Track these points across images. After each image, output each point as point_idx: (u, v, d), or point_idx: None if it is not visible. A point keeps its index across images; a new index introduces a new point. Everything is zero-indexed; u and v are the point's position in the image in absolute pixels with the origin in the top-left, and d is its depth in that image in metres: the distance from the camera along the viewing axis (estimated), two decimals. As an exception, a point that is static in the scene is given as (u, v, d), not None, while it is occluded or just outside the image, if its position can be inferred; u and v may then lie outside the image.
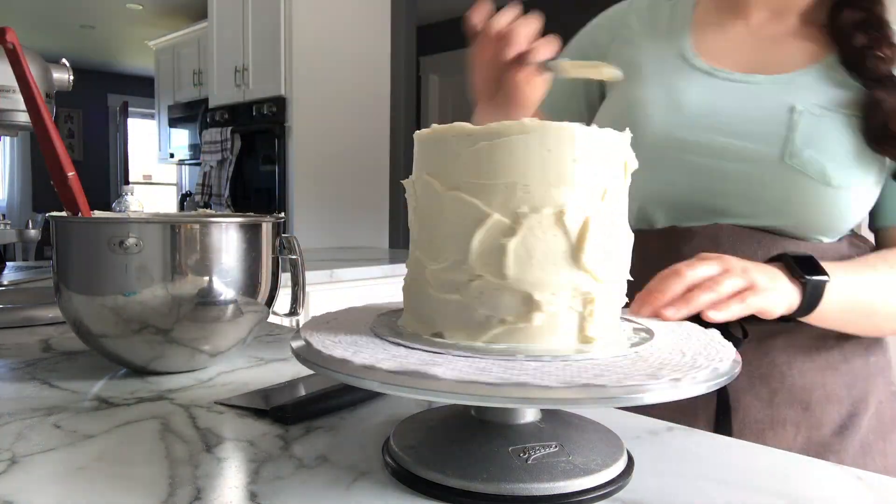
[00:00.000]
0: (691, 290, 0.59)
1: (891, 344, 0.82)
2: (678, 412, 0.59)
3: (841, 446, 0.72)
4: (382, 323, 0.49)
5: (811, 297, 0.65)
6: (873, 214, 0.78)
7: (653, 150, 0.75)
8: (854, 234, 0.78)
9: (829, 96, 0.72)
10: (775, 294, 0.63)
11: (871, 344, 0.77)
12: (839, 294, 0.67)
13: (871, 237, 0.81)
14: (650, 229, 0.78)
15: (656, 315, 0.57)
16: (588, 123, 0.44)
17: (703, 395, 0.73)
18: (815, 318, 0.67)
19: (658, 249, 0.75)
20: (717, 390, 0.70)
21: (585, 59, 0.88)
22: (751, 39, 0.80)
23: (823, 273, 0.65)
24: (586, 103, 0.91)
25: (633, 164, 0.47)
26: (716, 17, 0.83)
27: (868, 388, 0.75)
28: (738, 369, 0.41)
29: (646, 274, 0.59)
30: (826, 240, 0.74)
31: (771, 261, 0.67)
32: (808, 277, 0.64)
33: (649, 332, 0.48)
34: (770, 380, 0.73)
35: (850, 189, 0.70)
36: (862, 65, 0.73)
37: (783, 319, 0.66)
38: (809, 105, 0.72)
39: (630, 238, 0.47)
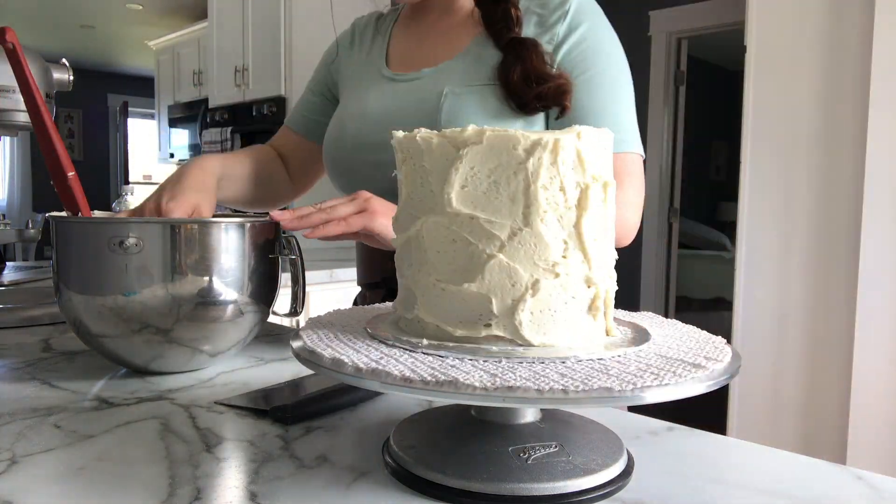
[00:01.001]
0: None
1: (788, 331, 0.81)
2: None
3: None
4: (382, 324, 0.49)
5: None
6: None
7: (352, 155, 0.87)
8: None
9: (474, 73, 0.81)
10: (387, 222, 0.67)
11: None
12: None
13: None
14: None
15: (280, 220, 0.66)
16: None
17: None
18: None
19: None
20: None
21: (325, 83, 1.03)
22: (426, 39, 0.90)
23: None
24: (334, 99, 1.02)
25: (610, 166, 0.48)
26: (406, 26, 0.95)
27: None
28: (737, 370, 0.41)
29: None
30: None
31: None
32: None
33: (647, 332, 0.48)
34: None
35: None
36: (495, 35, 0.82)
37: None
38: (455, 87, 0.80)
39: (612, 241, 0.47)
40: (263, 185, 1.01)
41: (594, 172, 0.44)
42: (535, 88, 0.77)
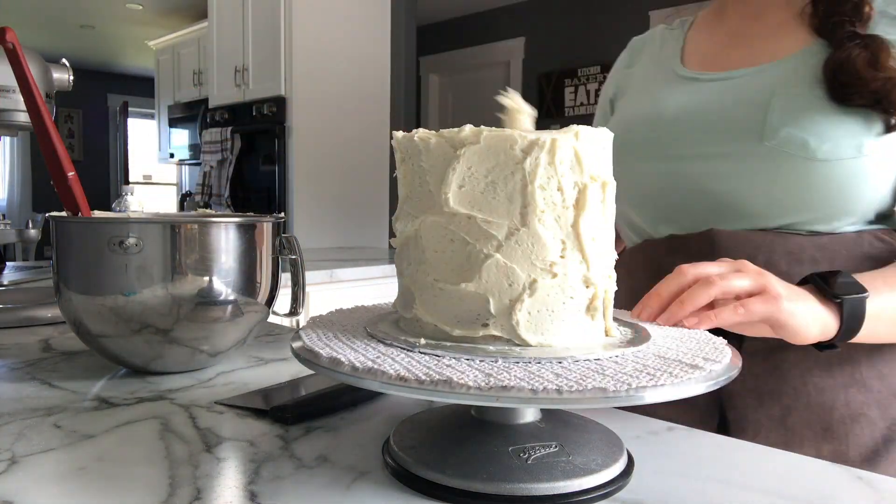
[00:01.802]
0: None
1: None
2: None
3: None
4: (381, 323, 0.49)
5: (851, 318, 0.58)
6: None
7: (637, 160, 0.77)
8: (882, 229, 0.71)
9: (808, 77, 0.70)
10: (796, 308, 0.55)
11: None
12: (884, 306, 0.60)
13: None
14: (654, 239, 0.78)
15: (651, 320, 0.53)
16: None
17: (705, 413, 0.70)
18: (867, 337, 0.61)
19: (659, 258, 0.75)
20: (719, 410, 0.69)
21: (604, 114, 0.93)
22: (737, 39, 0.80)
23: (860, 289, 0.58)
24: None
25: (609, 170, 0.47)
26: (706, 33, 0.85)
27: None
28: (736, 370, 0.41)
29: (649, 283, 0.57)
30: (839, 231, 0.68)
31: (801, 283, 0.61)
32: (844, 296, 0.57)
33: (646, 332, 0.48)
34: (782, 396, 0.67)
35: (841, 162, 0.65)
36: (830, 33, 0.71)
37: (825, 348, 0.60)
38: (787, 88, 0.70)
39: (611, 238, 0.47)
40: None
41: (592, 172, 0.44)
42: (877, 78, 0.65)
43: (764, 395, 0.68)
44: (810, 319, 0.56)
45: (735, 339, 0.66)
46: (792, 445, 0.66)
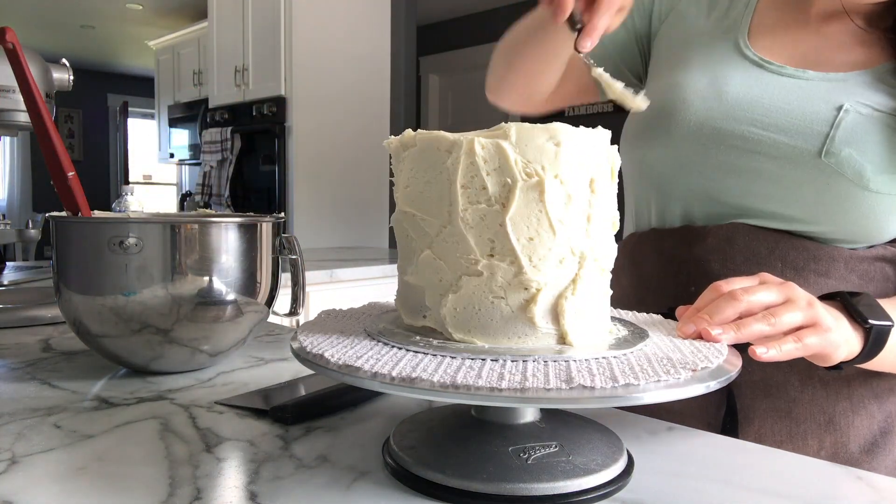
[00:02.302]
0: (744, 316, 0.52)
1: None
2: (683, 420, 0.58)
3: (871, 465, 0.67)
4: (381, 323, 0.49)
5: (874, 344, 0.58)
6: None
7: (686, 138, 0.73)
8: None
9: (882, 100, 0.67)
10: (839, 339, 0.55)
11: None
12: None
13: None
14: (664, 228, 0.76)
15: (700, 336, 0.50)
16: (644, 70, 0.42)
17: (712, 403, 0.70)
18: (874, 365, 0.61)
19: (671, 248, 0.73)
20: (727, 400, 0.69)
21: (643, 8, 0.86)
22: (810, 36, 0.76)
23: (886, 317, 0.58)
24: (639, 52, 0.87)
25: (617, 166, 0.47)
26: (778, 11, 0.79)
27: None
28: (736, 371, 0.41)
29: (659, 273, 0.56)
30: (853, 247, 0.69)
31: (826, 298, 0.60)
32: (873, 322, 0.57)
33: (644, 332, 0.48)
34: (788, 389, 0.68)
35: (890, 197, 0.65)
36: None
37: (831, 368, 0.59)
38: (858, 105, 0.67)
39: (612, 237, 0.47)
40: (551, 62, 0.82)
41: (532, 170, 0.42)
42: None
43: (771, 387, 0.68)
44: (843, 344, 0.56)
45: None
46: (796, 437, 0.67)
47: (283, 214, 0.72)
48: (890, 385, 0.69)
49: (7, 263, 1.34)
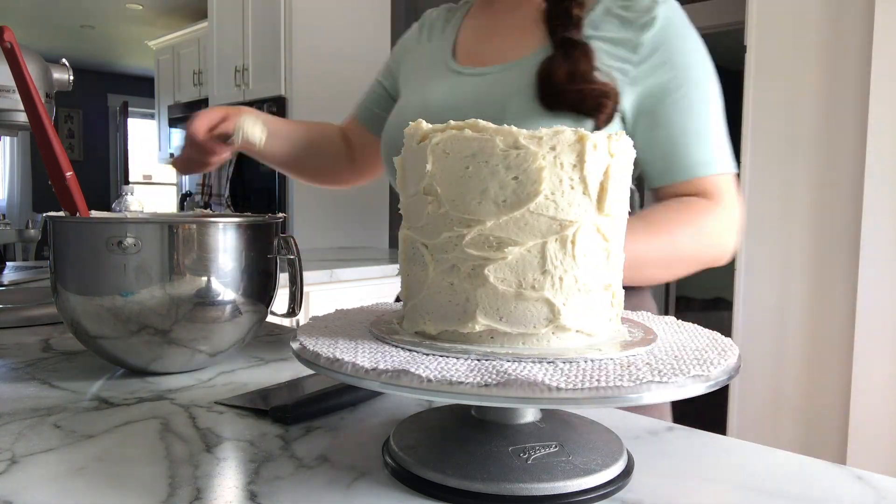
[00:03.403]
0: None
1: (788, 331, 0.81)
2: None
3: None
4: (382, 323, 0.49)
5: None
6: (645, 177, 0.80)
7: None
8: None
9: (535, 81, 0.75)
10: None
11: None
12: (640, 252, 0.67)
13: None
14: None
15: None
16: None
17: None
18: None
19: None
20: None
21: (391, 78, 1.01)
22: (493, 33, 0.86)
23: None
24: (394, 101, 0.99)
25: (621, 168, 0.46)
26: (476, 19, 0.90)
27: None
28: (737, 369, 0.41)
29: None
30: None
31: None
32: None
33: (651, 332, 0.48)
34: None
35: None
36: (552, 34, 0.77)
37: None
38: (520, 89, 0.75)
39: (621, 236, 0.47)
40: (316, 155, 1.02)
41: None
42: (572, 89, 0.73)
43: None
44: None
45: None
46: None
47: (281, 214, 0.72)
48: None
49: (7, 263, 1.34)
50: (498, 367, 0.38)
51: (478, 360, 0.39)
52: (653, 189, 0.81)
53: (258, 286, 0.67)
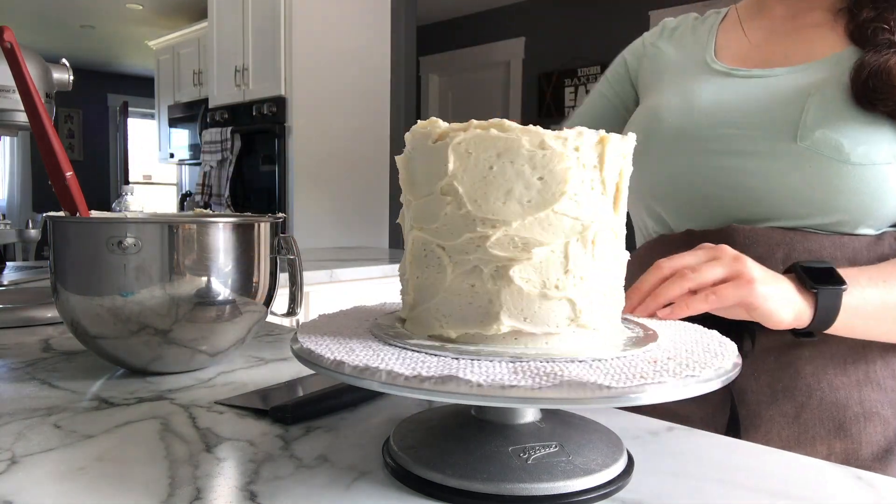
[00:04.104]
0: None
1: None
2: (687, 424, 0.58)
3: (885, 472, 0.65)
4: (383, 323, 0.49)
5: (826, 309, 0.60)
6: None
7: (667, 151, 0.76)
8: None
9: (843, 80, 0.69)
10: (770, 292, 0.57)
11: None
12: (863, 301, 0.61)
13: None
14: (668, 235, 0.78)
15: (630, 312, 0.54)
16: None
17: (717, 409, 0.71)
18: (843, 330, 0.62)
19: (674, 254, 0.75)
20: (731, 406, 0.69)
21: (619, 83, 0.93)
22: (773, 36, 0.80)
23: (839, 281, 0.60)
24: (626, 115, 0.92)
25: (628, 170, 0.46)
26: (743, 22, 0.84)
27: None
28: (737, 370, 0.41)
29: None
30: (862, 233, 0.69)
31: (786, 272, 0.63)
32: (819, 286, 0.59)
33: (652, 332, 0.48)
34: (795, 393, 0.67)
35: (875, 167, 0.65)
36: (866, 38, 0.71)
37: (802, 335, 0.62)
38: (821, 88, 0.69)
39: (622, 238, 0.47)
40: None
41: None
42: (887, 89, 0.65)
43: (777, 392, 0.68)
44: (783, 304, 0.58)
45: (749, 336, 0.67)
46: (804, 443, 0.67)
47: (281, 214, 0.72)
48: None
49: (7, 263, 1.34)
50: (499, 368, 0.38)
51: (479, 359, 0.39)
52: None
53: (258, 286, 0.67)
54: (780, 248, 0.69)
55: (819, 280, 0.60)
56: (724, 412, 0.70)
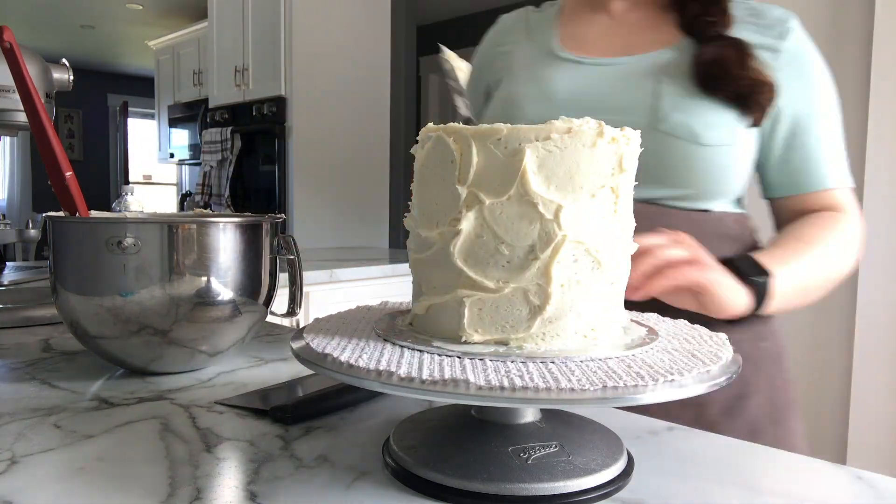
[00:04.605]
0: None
1: (788, 331, 0.84)
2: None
3: (729, 426, 0.74)
4: (385, 323, 0.49)
5: (761, 297, 0.68)
6: (764, 186, 0.82)
7: None
8: (740, 213, 0.81)
9: (687, 69, 0.76)
10: (722, 279, 0.64)
11: (762, 330, 0.79)
12: (782, 286, 0.70)
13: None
14: None
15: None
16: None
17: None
18: (776, 308, 0.71)
19: None
20: None
21: (475, 91, 0.99)
22: (614, 29, 0.85)
23: (763, 272, 0.69)
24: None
25: (632, 164, 0.46)
26: (579, 15, 0.89)
27: (757, 373, 0.77)
28: (737, 369, 0.41)
29: None
30: (709, 208, 0.77)
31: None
32: (756, 279, 0.67)
33: (653, 332, 0.48)
34: None
35: (722, 148, 0.74)
36: (698, 31, 0.78)
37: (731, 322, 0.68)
38: (671, 76, 0.76)
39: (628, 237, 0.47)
40: None
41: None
42: (739, 74, 0.73)
43: None
44: (735, 293, 0.65)
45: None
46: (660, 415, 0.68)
47: (281, 215, 0.72)
48: (744, 359, 0.72)
49: (7, 263, 1.34)
50: (500, 367, 0.38)
51: (478, 359, 0.39)
52: (771, 199, 0.83)
53: (258, 286, 0.67)
54: (643, 220, 0.73)
55: (751, 272, 0.68)
56: None
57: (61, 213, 0.66)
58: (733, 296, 0.65)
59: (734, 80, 0.73)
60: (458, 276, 0.42)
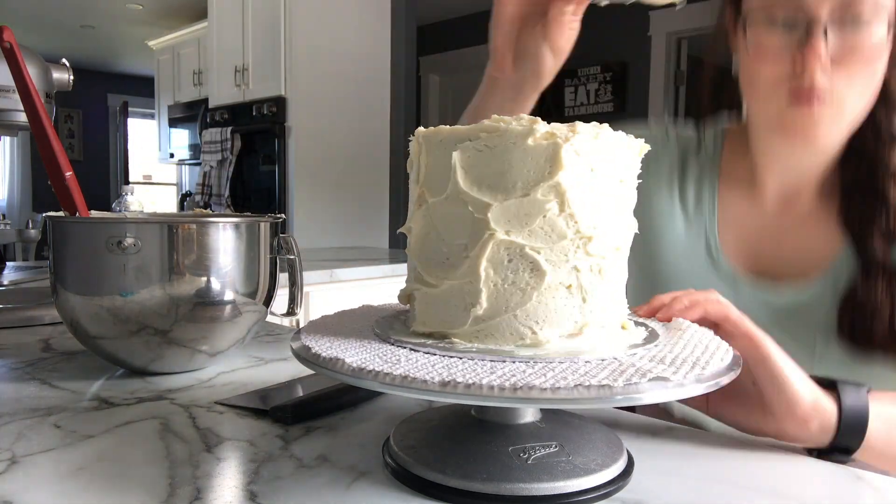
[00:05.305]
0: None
1: None
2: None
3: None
4: (385, 323, 0.49)
5: (854, 410, 0.51)
6: None
7: None
8: None
9: (836, 314, 0.66)
10: (778, 351, 0.50)
11: None
12: (880, 415, 0.52)
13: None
14: None
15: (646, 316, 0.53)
16: None
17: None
18: (879, 444, 0.52)
19: None
20: None
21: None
22: (768, 230, 0.74)
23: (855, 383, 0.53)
24: None
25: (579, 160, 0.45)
26: (737, 192, 0.76)
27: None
28: (737, 370, 0.41)
29: None
30: None
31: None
32: (846, 383, 0.52)
33: (653, 332, 0.48)
34: None
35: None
36: (858, 230, 0.66)
37: (839, 450, 0.51)
38: (825, 332, 0.67)
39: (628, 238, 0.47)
40: None
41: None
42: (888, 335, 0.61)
43: None
44: (796, 376, 0.50)
45: None
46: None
47: (281, 214, 0.72)
48: None
49: (7, 263, 1.34)
50: (499, 367, 0.38)
51: (479, 359, 0.39)
52: None
53: (258, 286, 0.67)
54: None
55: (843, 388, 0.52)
56: None
57: (61, 213, 0.66)
58: (794, 378, 0.49)
59: (879, 339, 0.61)
60: (412, 271, 0.47)
